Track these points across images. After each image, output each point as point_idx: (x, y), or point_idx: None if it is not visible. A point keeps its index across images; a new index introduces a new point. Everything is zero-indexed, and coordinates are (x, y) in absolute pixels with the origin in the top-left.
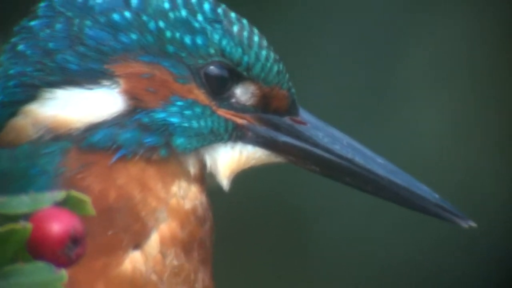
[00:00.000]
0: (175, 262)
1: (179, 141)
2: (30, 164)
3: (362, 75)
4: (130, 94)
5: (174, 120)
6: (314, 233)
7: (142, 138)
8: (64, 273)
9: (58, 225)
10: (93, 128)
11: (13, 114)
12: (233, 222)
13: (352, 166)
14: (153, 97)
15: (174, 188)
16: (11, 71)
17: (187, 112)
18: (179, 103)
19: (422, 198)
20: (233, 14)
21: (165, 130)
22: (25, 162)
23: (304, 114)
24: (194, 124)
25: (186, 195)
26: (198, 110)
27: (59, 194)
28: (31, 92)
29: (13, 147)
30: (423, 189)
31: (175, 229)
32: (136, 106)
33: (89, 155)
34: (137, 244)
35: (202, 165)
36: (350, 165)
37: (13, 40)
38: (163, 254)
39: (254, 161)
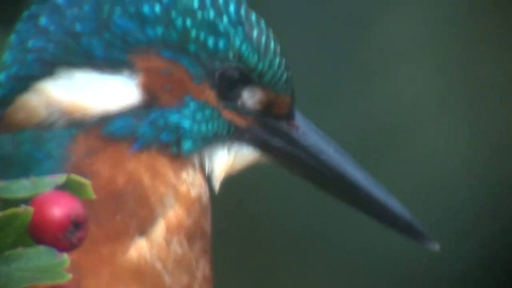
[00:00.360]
0: (179, 250)
1: (187, 144)
2: (35, 147)
3: (331, 46)
4: (147, 89)
5: (186, 123)
6: (313, 232)
7: (158, 134)
8: (66, 257)
9: (60, 209)
10: (110, 116)
11: (25, 89)
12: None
13: (335, 176)
14: (168, 95)
15: (184, 174)
16: (30, 44)
17: (198, 115)
18: (192, 104)
19: (395, 215)
20: (253, 16)
21: (177, 132)
22: (30, 146)
23: (299, 119)
24: (203, 127)
25: (193, 182)
26: (208, 112)
27: (60, 178)
28: (49, 69)
29: (19, 128)
30: (396, 206)
31: (181, 216)
32: (152, 103)
33: (104, 142)
34: (143, 230)
35: (203, 160)
36: (332, 175)
37: (34, 9)
38: (167, 241)
39: (246, 163)
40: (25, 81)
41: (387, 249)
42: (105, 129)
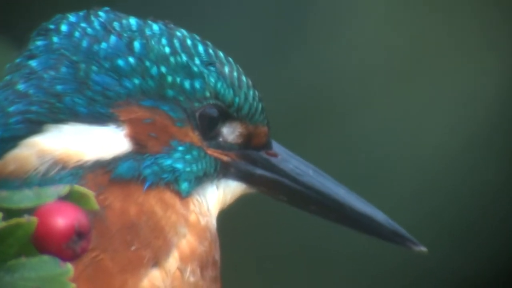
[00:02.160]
0: (192, 279)
1: (183, 186)
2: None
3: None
4: (134, 139)
5: (179, 166)
6: (314, 237)
7: (160, 175)
8: (69, 267)
9: (63, 219)
10: (112, 161)
11: (13, 147)
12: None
13: (318, 196)
14: (155, 142)
15: (192, 205)
16: (11, 109)
17: (188, 157)
18: (180, 148)
19: (380, 225)
20: (221, 53)
21: (174, 174)
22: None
23: (275, 147)
24: (194, 167)
25: (201, 211)
26: (195, 153)
27: (63, 189)
28: (35, 127)
29: (15, 178)
30: (380, 216)
31: (194, 244)
32: (142, 150)
33: (113, 182)
34: (157, 261)
35: (199, 198)
36: (316, 195)
37: (7, 77)
38: (181, 270)
39: (234, 196)
40: (12, 141)
41: (386, 254)
42: (114, 173)
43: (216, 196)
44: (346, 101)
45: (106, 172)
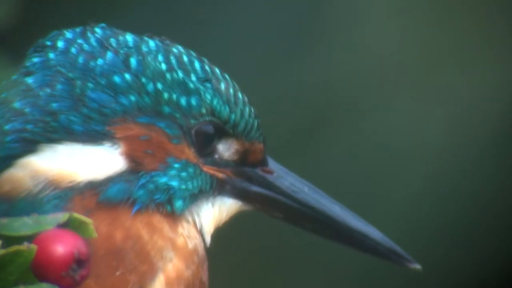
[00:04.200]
0: None
1: (178, 203)
2: (32, 210)
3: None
4: (130, 156)
5: (174, 183)
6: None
7: (152, 196)
8: None
9: (62, 246)
10: (103, 182)
11: (8, 166)
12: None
13: (313, 213)
14: (151, 159)
15: (180, 228)
16: (7, 127)
17: (183, 174)
18: (176, 165)
19: (376, 242)
20: (217, 70)
21: (168, 193)
22: (27, 209)
23: (271, 164)
24: (189, 185)
25: (189, 235)
26: (191, 170)
27: (62, 216)
28: (30, 146)
29: (9, 199)
30: (375, 234)
31: (180, 268)
32: (137, 168)
33: (101, 205)
34: (142, 285)
35: (193, 216)
36: (311, 212)
37: (4, 95)
38: None
39: (230, 214)
40: (7, 160)
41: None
42: (102, 195)
43: (212, 214)
44: (360, 101)
45: (94, 194)
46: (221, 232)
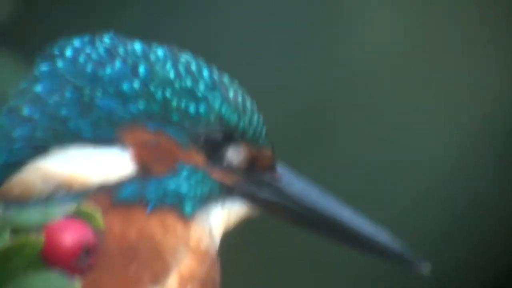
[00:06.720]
0: None
1: (187, 208)
2: None
3: None
4: (140, 161)
5: (183, 189)
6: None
7: (163, 200)
8: (77, 283)
9: (71, 236)
10: (116, 184)
11: (18, 171)
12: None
13: (322, 218)
14: (160, 164)
15: (192, 230)
16: (16, 134)
17: (192, 180)
18: (184, 170)
19: (385, 247)
20: (226, 78)
21: (178, 197)
22: None
23: (280, 169)
24: (198, 190)
25: (201, 236)
26: (199, 176)
27: (69, 207)
28: (40, 151)
29: (19, 202)
30: (385, 238)
31: (194, 267)
32: (147, 173)
33: (115, 206)
34: (157, 281)
35: (203, 220)
36: (320, 217)
37: (12, 102)
38: None
39: (238, 218)
40: (17, 166)
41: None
42: (116, 197)
43: (221, 219)
44: (365, 101)
45: (108, 195)
46: (230, 235)
